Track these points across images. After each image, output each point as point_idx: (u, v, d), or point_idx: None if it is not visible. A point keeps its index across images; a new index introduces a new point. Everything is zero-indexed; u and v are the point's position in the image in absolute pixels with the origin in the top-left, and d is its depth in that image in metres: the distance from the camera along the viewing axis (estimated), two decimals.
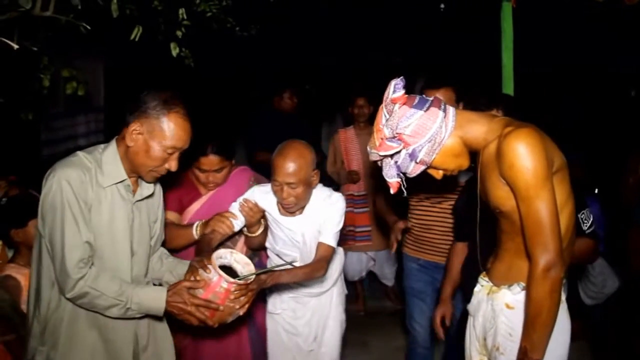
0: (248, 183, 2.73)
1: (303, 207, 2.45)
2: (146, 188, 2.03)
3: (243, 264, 2.08)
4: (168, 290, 1.90)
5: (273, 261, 2.61)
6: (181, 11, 2.73)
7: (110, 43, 3.38)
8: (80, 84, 2.74)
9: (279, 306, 2.66)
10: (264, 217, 2.57)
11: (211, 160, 2.56)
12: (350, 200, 4.72)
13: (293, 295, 2.64)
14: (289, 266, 2.25)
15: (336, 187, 5.15)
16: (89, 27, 2.23)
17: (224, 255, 2.06)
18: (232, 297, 1.92)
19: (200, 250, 2.23)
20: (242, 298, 1.96)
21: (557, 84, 5.87)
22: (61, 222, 1.77)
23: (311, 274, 2.34)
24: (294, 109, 4.94)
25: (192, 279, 1.93)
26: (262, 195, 2.49)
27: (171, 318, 2.01)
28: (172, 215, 2.58)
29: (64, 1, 2.06)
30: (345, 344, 4.28)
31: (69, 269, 1.76)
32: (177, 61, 2.87)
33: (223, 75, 5.27)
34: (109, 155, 1.90)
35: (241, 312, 1.98)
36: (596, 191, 4.50)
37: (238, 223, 2.47)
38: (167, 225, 2.35)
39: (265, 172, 2.78)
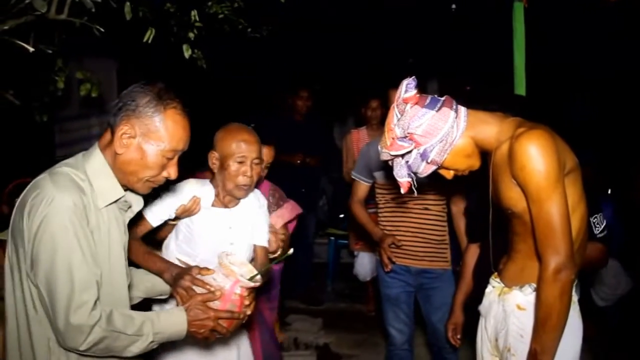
0: (268, 192, 2.62)
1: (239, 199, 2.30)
2: (136, 202, 1.71)
3: (239, 265, 1.91)
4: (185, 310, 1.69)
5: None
6: (193, 13, 2.75)
7: (124, 45, 3.42)
8: (94, 86, 2.77)
9: None
10: None
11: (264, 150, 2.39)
12: None
13: None
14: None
15: (348, 187, 5.20)
16: (102, 30, 2.25)
17: (223, 260, 1.87)
18: (246, 302, 1.79)
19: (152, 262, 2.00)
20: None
21: (569, 84, 5.83)
22: (67, 261, 1.43)
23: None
24: (307, 110, 4.92)
25: (204, 290, 1.74)
26: (199, 187, 2.26)
27: None
28: None
29: (78, 4, 2.08)
30: (356, 345, 4.33)
31: (83, 317, 1.43)
32: (190, 62, 2.89)
33: (234, 76, 5.29)
34: (97, 167, 1.56)
35: (247, 316, 1.84)
36: (609, 191, 4.47)
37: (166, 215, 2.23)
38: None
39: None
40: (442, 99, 1.79)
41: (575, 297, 1.80)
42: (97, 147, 1.59)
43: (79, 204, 1.46)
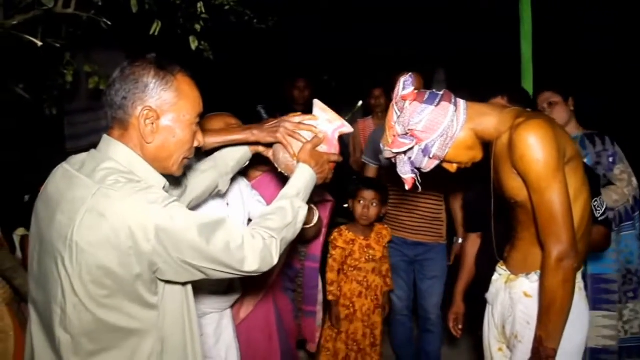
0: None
1: None
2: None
3: (325, 110, 1.85)
4: (301, 162, 1.73)
5: None
6: (199, 5, 2.76)
7: (131, 38, 3.44)
8: (102, 79, 2.80)
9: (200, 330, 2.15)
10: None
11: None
12: None
13: (216, 301, 2.17)
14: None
15: (357, 176, 5.21)
16: (109, 23, 2.28)
17: (321, 105, 1.85)
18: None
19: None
20: None
21: (580, 72, 5.79)
22: (218, 237, 1.35)
23: None
24: (305, 99, 4.86)
25: (312, 136, 1.76)
26: None
27: None
28: None
29: None
30: None
31: (255, 251, 1.41)
32: (197, 54, 2.90)
33: (241, 68, 5.30)
34: (133, 162, 1.39)
35: None
36: None
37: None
38: None
39: None
40: (441, 93, 1.79)
41: (581, 284, 1.81)
42: (118, 141, 1.39)
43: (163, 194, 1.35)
